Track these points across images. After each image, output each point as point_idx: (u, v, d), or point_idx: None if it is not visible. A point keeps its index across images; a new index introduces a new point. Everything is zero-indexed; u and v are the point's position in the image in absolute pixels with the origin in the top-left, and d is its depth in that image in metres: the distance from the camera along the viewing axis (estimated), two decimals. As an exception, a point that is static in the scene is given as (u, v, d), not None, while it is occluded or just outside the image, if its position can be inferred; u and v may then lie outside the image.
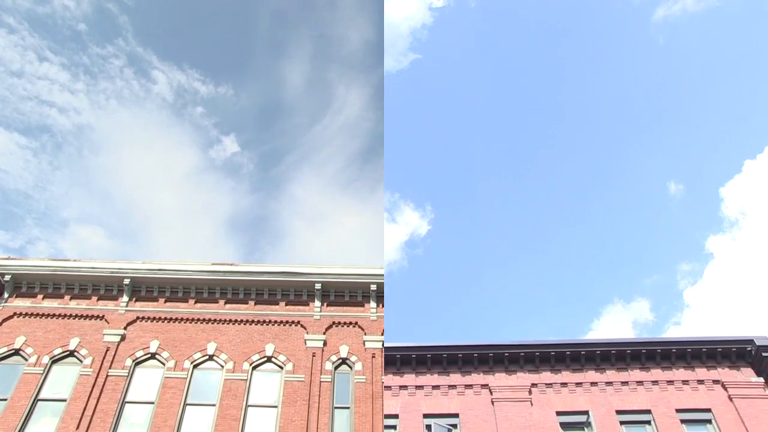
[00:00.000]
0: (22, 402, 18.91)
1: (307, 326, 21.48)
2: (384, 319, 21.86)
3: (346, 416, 19.50)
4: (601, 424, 18.76)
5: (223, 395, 19.52)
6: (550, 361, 20.34)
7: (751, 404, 19.14)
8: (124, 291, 21.65)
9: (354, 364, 20.69)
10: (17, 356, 20.10)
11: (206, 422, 18.92)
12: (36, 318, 21.01)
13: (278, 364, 20.53)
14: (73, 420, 18.47)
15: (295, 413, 19.18)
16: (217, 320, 21.47)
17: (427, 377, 19.96)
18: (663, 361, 20.39)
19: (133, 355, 20.31)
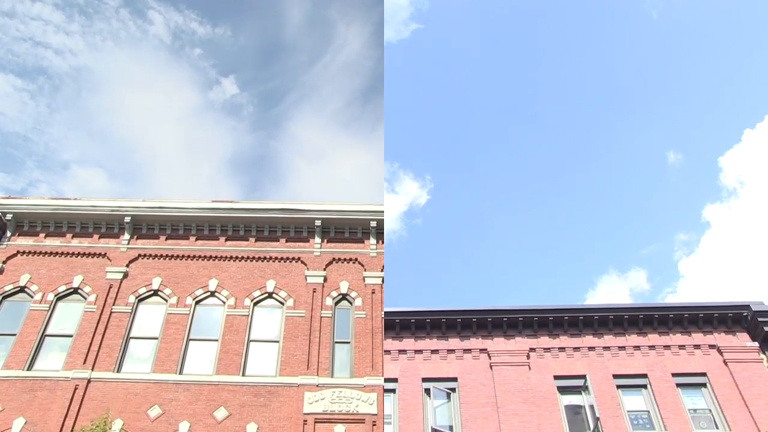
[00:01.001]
0: (30, 337, 19.56)
1: (308, 262, 21.85)
2: (384, 256, 22.20)
3: (346, 351, 20.07)
4: (598, 388, 19.12)
5: (225, 330, 20.10)
6: (548, 326, 20.58)
7: (745, 368, 19.45)
8: (125, 229, 22.01)
9: (354, 299, 21.14)
10: (23, 293, 20.69)
11: (209, 357, 19.56)
12: (39, 256, 21.49)
13: (279, 300, 21.01)
14: (80, 355, 19.13)
15: (296, 348, 19.76)
16: (218, 257, 21.86)
17: (425, 342, 20.26)
18: (660, 326, 20.63)
19: (135, 291, 20.82)
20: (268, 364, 19.53)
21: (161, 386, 18.61)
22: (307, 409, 18.34)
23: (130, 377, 18.76)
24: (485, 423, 18.01)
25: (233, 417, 18.08)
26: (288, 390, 18.72)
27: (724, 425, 18.17)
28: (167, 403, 18.26)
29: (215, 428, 17.87)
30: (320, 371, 19.22)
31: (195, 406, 18.25)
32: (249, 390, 18.66)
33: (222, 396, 18.50)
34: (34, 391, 18.34)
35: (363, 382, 19.00)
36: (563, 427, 18.13)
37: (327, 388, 18.79)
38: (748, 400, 18.42)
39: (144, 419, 17.93)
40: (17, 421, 17.76)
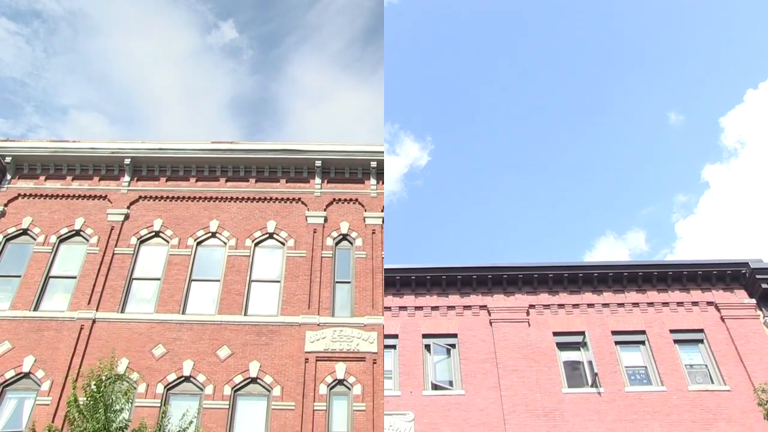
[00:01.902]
0: (35, 279, 19.88)
1: (308, 203, 21.92)
2: (384, 196, 22.23)
3: (346, 290, 20.33)
4: (597, 344, 19.31)
5: (226, 271, 20.35)
6: (547, 283, 20.66)
7: (741, 324, 19.65)
8: (125, 171, 22.05)
9: (354, 240, 21.29)
10: (26, 236, 20.92)
11: (211, 297, 19.87)
12: (40, 199, 21.62)
13: (280, 241, 21.18)
14: (84, 295, 19.47)
15: (297, 287, 20.03)
16: (219, 198, 21.94)
17: (426, 298, 20.42)
18: (659, 283, 20.69)
19: (137, 233, 21.01)
20: (269, 303, 19.84)
21: (165, 326, 18.99)
22: (309, 347, 18.71)
23: (134, 317, 19.14)
24: (485, 378, 18.35)
25: (236, 355, 18.50)
26: (289, 329, 19.07)
27: (719, 380, 18.49)
28: (171, 342, 18.67)
29: (218, 366, 18.30)
30: (321, 311, 19.53)
31: (198, 345, 18.66)
32: (251, 329, 19.02)
33: (225, 335, 18.88)
34: (41, 330, 18.76)
35: (363, 321, 19.31)
36: (562, 382, 18.46)
37: (328, 327, 19.13)
38: (744, 355, 18.71)
39: (149, 358, 18.37)
40: (27, 359, 18.24)
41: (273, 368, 18.30)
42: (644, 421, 17.40)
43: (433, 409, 17.66)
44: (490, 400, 17.82)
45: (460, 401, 17.87)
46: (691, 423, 17.35)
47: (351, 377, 18.28)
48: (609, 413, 17.58)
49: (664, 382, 18.22)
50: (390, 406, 17.46)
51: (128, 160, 21.93)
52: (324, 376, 18.26)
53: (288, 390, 17.94)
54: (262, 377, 18.15)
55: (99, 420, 12.52)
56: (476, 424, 17.30)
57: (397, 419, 17.21)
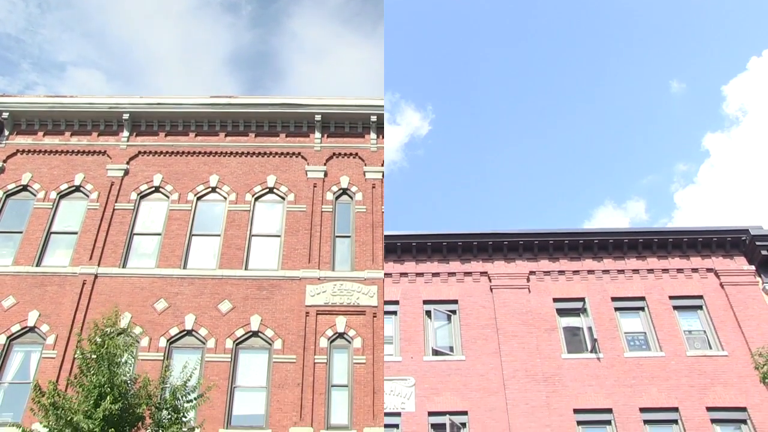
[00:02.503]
0: (37, 234, 19.90)
1: (308, 157, 21.75)
2: (384, 150, 22.03)
3: (347, 245, 20.31)
4: (597, 310, 19.27)
5: (227, 226, 20.32)
6: (548, 250, 20.50)
7: (740, 291, 19.60)
8: (124, 126, 21.84)
9: (354, 194, 21.18)
10: (26, 192, 20.84)
11: (212, 252, 19.88)
12: (39, 155, 21.48)
13: (280, 195, 21.09)
14: (86, 251, 19.51)
15: (297, 242, 20.02)
16: (218, 153, 21.78)
17: (427, 265, 20.30)
18: (659, 250, 20.54)
19: (137, 188, 20.92)
20: (270, 258, 19.86)
21: (166, 280, 19.06)
22: (309, 301, 18.79)
23: (135, 272, 19.20)
24: (485, 344, 18.40)
25: (237, 309, 18.60)
26: (290, 283, 19.12)
27: (717, 345, 18.56)
28: (173, 297, 18.76)
29: (220, 320, 18.43)
30: (321, 265, 19.54)
31: (200, 299, 18.75)
32: (252, 283, 19.08)
33: (226, 289, 18.95)
34: (45, 286, 18.85)
35: (363, 275, 19.33)
36: (562, 348, 18.50)
37: (328, 281, 19.17)
38: (742, 322, 18.75)
39: (151, 312, 18.49)
40: (32, 314, 18.38)
41: (274, 322, 18.42)
42: (642, 386, 17.54)
43: (434, 374, 17.78)
44: (491, 365, 17.93)
45: (460, 367, 17.98)
46: (689, 387, 17.50)
47: (351, 331, 18.40)
48: (608, 378, 17.70)
49: (662, 348, 18.31)
50: (391, 371, 17.62)
51: (127, 116, 21.71)
52: (324, 329, 18.38)
53: (289, 343, 18.08)
54: (263, 331, 18.27)
55: (104, 374, 12.63)
56: (476, 389, 17.45)
57: (398, 384, 17.38)
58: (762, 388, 16.53)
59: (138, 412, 13.01)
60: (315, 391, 17.34)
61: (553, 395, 17.32)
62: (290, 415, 16.96)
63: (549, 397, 17.25)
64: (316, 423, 16.92)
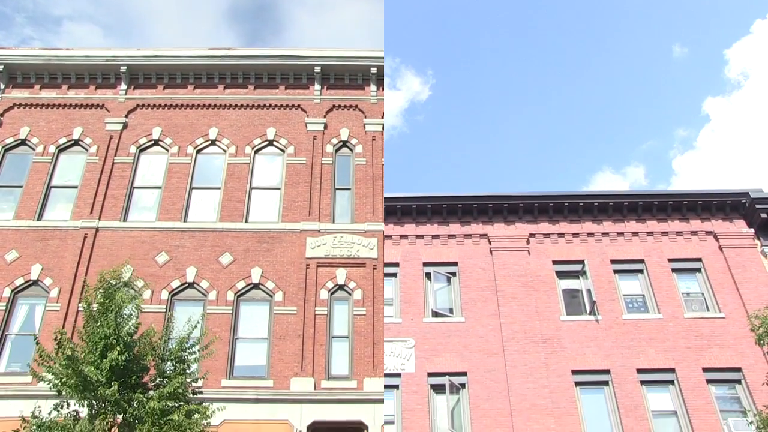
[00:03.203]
0: (37, 189, 19.70)
1: (308, 110, 21.39)
2: (384, 103, 21.65)
3: (347, 197, 20.11)
4: (596, 273, 19.03)
5: (227, 179, 20.08)
6: (548, 212, 20.15)
7: (739, 254, 19.32)
8: (121, 79, 21.41)
9: (354, 146, 20.89)
10: (24, 146, 20.53)
11: (212, 205, 19.69)
12: (36, 108, 21.09)
13: (280, 148, 20.81)
14: (86, 205, 19.34)
15: (297, 194, 19.82)
16: (217, 105, 21.41)
17: (427, 227, 19.97)
18: (659, 213, 20.18)
19: (136, 142, 20.62)
20: (270, 210, 19.68)
21: (167, 234, 18.93)
22: (310, 253, 18.69)
23: (136, 226, 19.04)
24: (484, 306, 18.28)
25: (238, 262, 18.52)
26: (290, 236, 18.99)
27: (715, 307, 18.45)
28: (174, 250, 18.67)
29: (221, 273, 18.36)
30: (321, 217, 19.39)
31: (201, 252, 18.66)
32: (252, 236, 18.95)
33: (226, 242, 18.84)
34: (46, 240, 18.75)
35: (363, 228, 19.19)
36: (560, 310, 18.39)
37: (328, 234, 19.04)
38: (740, 284, 18.60)
39: (152, 265, 18.41)
40: (35, 267, 18.33)
41: (275, 274, 18.35)
42: (640, 347, 17.50)
43: (434, 335, 17.72)
44: (490, 327, 17.86)
45: (460, 328, 17.91)
46: (686, 349, 17.46)
47: (351, 282, 18.34)
48: (606, 340, 17.65)
49: (660, 310, 18.22)
50: (391, 333, 17.59)
51: (124, 68, 21.26)
52: (325, 281, 18.33)
53: (290, 295, 18.04)
54: (264, 283, 18.22)
55: (110, 325, 12.63)
56: (476, 350, 17.43)
57: (398, 346, 17.37)
58: (757, 349, 16.50)
59: (143, 363, 13.05)
60: (316, 342, 17.38)
61: (552, 356, 17.33)
62: (291, 366, 17.02)
63: (547, 358, 17.26)
64: (317, 373, 16.98)
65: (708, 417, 16.31)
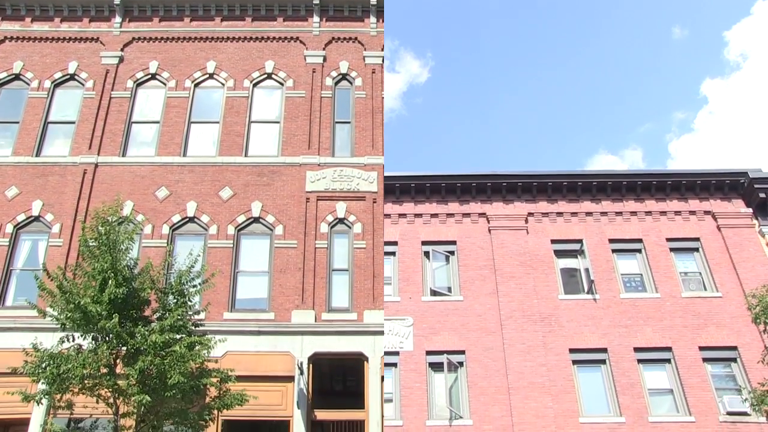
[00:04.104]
0: (34, 125, 19.20)
1: (306, 42, 20.67)
2: (384, 35, 20.89)
3: (346, 130, 19.61)
4: (594, 252, 18.65)
5: (225, 113, 19.54)
6: (546, 192, 19.66)
7: (737, 233, 18.97)
8: (115, 11, 20.55)
9: (354, 79, 20.25)
10: (19, 81, 19.86)
11: (211, 139, 19.21)
12: (29, 42, 20.31)
13: (278, 81, 20.18)
14: (85, 140, 18.90)
15: (297, 128, 19.32)
16: (215, 38, 20.66)
17: (425, 206, 19.45)
18: (657, 192, 19.74)
19: (133, 76, 19.98)
20: (269, 144, 19.21)
21: (166, 168, 18.55)
22: (309, 187, 18.32)
23: (135, 161, 18.61)
24: (483, 284, 17.97)
25: (238, 196, 18.19)
26: (290, 169, 18.60)
27: (712, 287, 18.20)
28: (174, 185, 18.31)
29: (221, 207, 18.06)
30: (321, 151, 18.94)
31: (200, 186, 18.32)
32: (252, 170, 18.56)
33: (226, 176, 18.47)
34: (46, 176, 18.41)
35: (363, 161, 18.76)
36: (558, 289, 18.10)
37: (328, 167, 18.64)
38: (737, 264, 18.35)
39: (153, 200, 18.11)
40: (35, 203, 18.06)
41: (275, 208, 18.05)
42: (637, 326, 17.28)
43: (432, 314, 17.46)
44: (488, 305, 17.60)
45: (458, 307, 17.65)
46: (682, 328, 17.26)
47: (351, 216, 18.03)
48: (604, 319, 17.42)
49: (658, 289, 17.95)
50: (389, 311, 17.35)
51: (118, 0, 20.50)
52: (325, 215, 18.02)
53: (290, 229, 17.77)
54: (265, 217, 17.93)
55: (107, 260, 12.46)
56: (474, 329, 17.20)
57: (397, 324, 17.16)
58: (753, 328, 16.38)
59: (142, 296, 12.92)
60: (316, 275, 17.19)
61: (550, 335, 17.15)
62: (292, 299, 16.89)
63: (545, 337, 17.08)
64: (317, 306, 16.86)
65: (703, 395, 16.30)
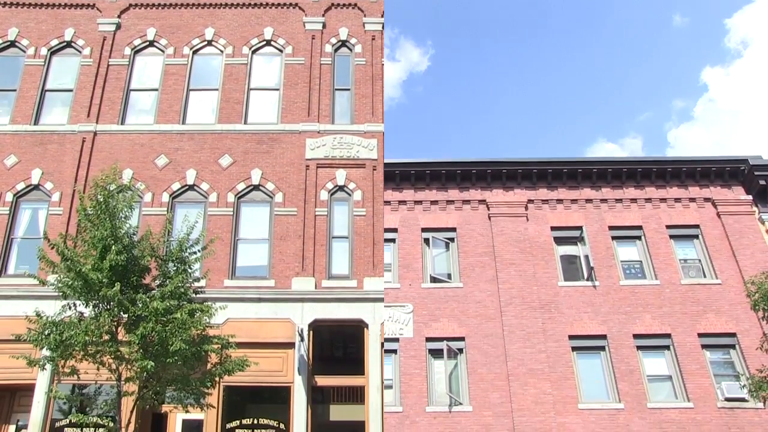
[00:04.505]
0: (31, 93, 18.92)
1: (306, 8, 20.26)
2: (383, 1, 20.52)
3: (346, 98, 19.35)
4: (594, 239, 18.44)
5: (224, 80, 19.25)
6: (546, 179, 19.38)
7: (737, 220, 18.76)
8: (112, -24, 20.28)
9: (354, 46, 19.91)
10: (14, 48, 19.50)
11: (210, 106, 18.94)
12: (23, 8, 19.81)
13: (278, 48, 19.86)
14: (83, 108, 18.65)
15: (296, 95, 19.07)
16: (213, 4, 20.23)
17: (425, 193, 19.18)
18: (657, 179, 19.48)
19: (131, 43, 19.64)
20: (269, 111, 18.95)
21: (166, 136, 18.35)
22: (309, 155, 18.15)
23: (134, 129, 18.38)
24: (482, 271, 17.82)
25: (238, 164, 18.02)
26: (290, 137, 18.39)
27: (712, 274, 18.04)
28: (173, 153, 18.13)
29: (221, 174, 17.91)
30: (321, 118, 18.71)
31: (200, 154, 18.15)
32: (251, 137, 18.36)
33: (226, 144, 18.28)
34: (44, 144, 18.22)
35: (363, 128, 18.54)
36: (558, 276, 17.95)
37: (328, 135, 18.42)
38: (737, 251, 18.15)
39: (152, 168, 17.95)
40: (35, 172, 17.91)
41: (274, 175, 17.89)
42: (637, 313, 17.16)
43: (432, 301, 17.34)
44: (488, 292, 17.48)
45: (458, 293, 17.51)
46: (682, 315, 17.14)
47: (351, 183, 17.87)
48: (603, 306, 17.30)
49: (658, 276, 17.81)
50: (389, 298, 17.22)
51: (114, -34, 20.13)
52: (325, 182, 17.87)
53: (290, 196, 17.64)
54: (264, 184, 17.77)
55: (106, 227, 12.38)
56: (474, 315, 17.09)
57: (397, 311, 17.05)
58: (752, 315, 16.28)
59: (143, 263, 12.86)
60: (316, 243, 17.10)
61: (549, 322, 17.05)
62: (293, 266, 16.82)
63: (545, 323, 16.99)
64: (317, 273, 16.79)
65: (702, 381, 16.24)
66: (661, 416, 15.61)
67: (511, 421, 15.55)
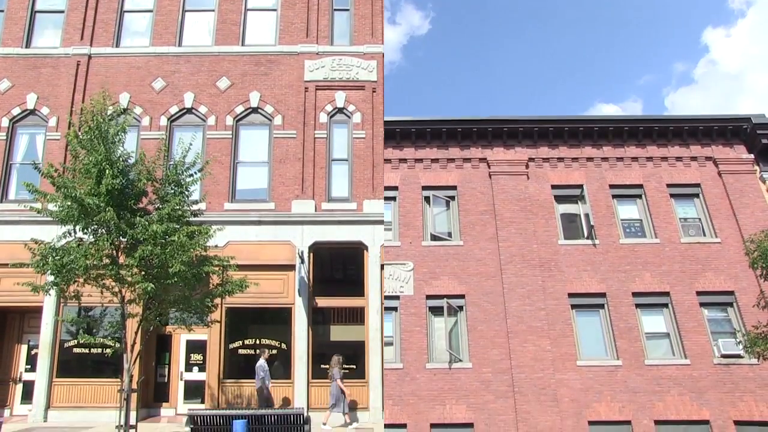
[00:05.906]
0: (20, 13, 18.00)
1: (302, -77, 19.17)
2: None
3: (345, 18, 18.35)
4: (595, 197, 17.69)
5: (221, 0, 18.48)
6: (547, 137, 18.41)
7: (738, 179, 17.94)
8: None
9: (352, -37, 18.94)
10: (3, -33, 18.68)
11: (207, 28, 18.11)
12: (10, -76, 18.98)
13: (274, -33, 18.88)
14: (76, 30, 17.85)
15: (294, 16, 18.11)
16: None
17: (426, 151, 18.27)
18: (659, 138, 18.50)
19: (122, -38, 18.75)
20: (266, 33, 18.12)
21: (162, 59, 17.64)
22: (308, 76, 17.46)
23: (130, 51, 17.62)
24: (483, 229, 17.20)
25: (236, 86, 17.36)
26: (288, 59, 17.66)
27: (711, 233, 17.33)
28: (170, 76, 17.46)
29: (219, 97, 17.30)
30: (319, 39, 17.92)
31: (197, 77, 17.47)
32: (249, 59, 17.63)
33: (223, 66, 17.58)
34: (38, 68, 17.54)
35: (362, 50, 17.77)
36: (558, 234, 17.33)
37: (327, 56, 17.68)
38: (737, 210, 17.36)
39: (149, 92, 17.33)
40: (30, 97, 17.31)
41: (273, 98, 17.27)
42: (636, 271, 16.69)
43: (432, 259, 16.85)
44: (488, 250, 16.97)
45: (458, 251, 17.00)
46: (680, 273, 16.66)
47: (351, 106, 17.25)
48: (603, 264, 16.82)
49: (657, 235, 17.24)
50: (390, 256, 16.74)
51: None
52: (324, 104, 17.26)
53: (289, 119, 17.07)
54: (263, 107, 17.16)
55: (99, 152, 11.96)
56: (474, 273, 16.66)
57: (397, 269, 16.59)
58: (750, 273, 15.87)
59: (139, 186, 12.52)
60: (316, 166, 16.65)
61: (549, 280, 16.64)
62: (292, 189, 16.45)
63: (545, 281, 16.58)
64: (317, 196, 16.43)
65: (699, 338, 15.88)
66: (659, 372, 15.53)
67: (510, 378, 15.49)
